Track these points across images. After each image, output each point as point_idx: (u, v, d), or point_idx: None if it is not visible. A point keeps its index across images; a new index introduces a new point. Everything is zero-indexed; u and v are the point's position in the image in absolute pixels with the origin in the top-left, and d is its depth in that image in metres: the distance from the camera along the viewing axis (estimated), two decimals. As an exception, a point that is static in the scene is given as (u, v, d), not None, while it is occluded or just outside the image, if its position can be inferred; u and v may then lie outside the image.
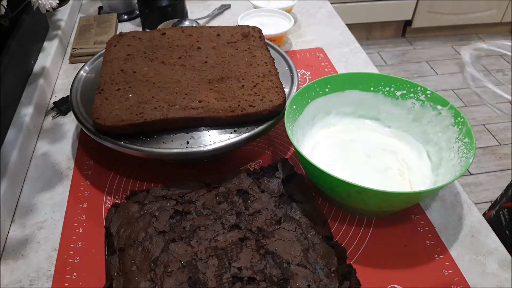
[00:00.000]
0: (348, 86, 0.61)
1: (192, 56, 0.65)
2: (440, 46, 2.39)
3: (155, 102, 0.57)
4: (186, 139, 0.54)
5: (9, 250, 0.52)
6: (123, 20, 0.97)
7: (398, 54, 2.32)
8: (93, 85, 0.62)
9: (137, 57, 0.65)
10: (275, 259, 0.45)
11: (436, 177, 0.55)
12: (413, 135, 0.61)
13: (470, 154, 0.50)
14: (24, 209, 0.56)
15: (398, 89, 0.61)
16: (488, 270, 0.49)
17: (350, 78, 0.61)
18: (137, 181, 0.60)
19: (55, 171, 0.62)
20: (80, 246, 0.52)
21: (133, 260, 0.46)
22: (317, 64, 0.83)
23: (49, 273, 0.49)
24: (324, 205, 0.56)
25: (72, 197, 0.58)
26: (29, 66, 0.73)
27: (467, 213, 0.55)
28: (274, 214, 0.50)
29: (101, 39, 0.85)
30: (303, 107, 0.59)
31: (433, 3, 2.23)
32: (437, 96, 0.58)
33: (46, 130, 0.69)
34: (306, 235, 0.49)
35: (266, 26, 0.85)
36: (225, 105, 0.56)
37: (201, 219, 0.49)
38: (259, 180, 0.54)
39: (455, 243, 0.52)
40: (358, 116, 0.64)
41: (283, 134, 0.66)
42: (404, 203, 0.52)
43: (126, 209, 0.51)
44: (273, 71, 0.62)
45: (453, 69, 2.22)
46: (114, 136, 0.54)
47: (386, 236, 0.52)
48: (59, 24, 0.87)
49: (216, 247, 0.46)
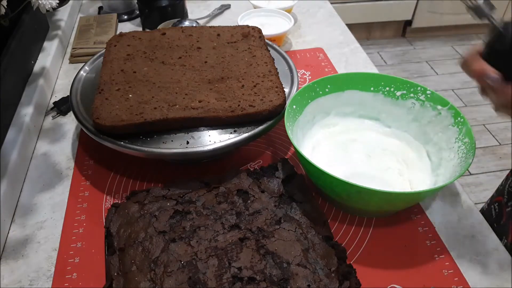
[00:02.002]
0: (348, 86, 0.61)
1: (192, 56, 0.65)
2: (440, 46, 2.39)
3: (155, 102, 0.57)
4: (186, 139, 0.54)
5: (9, 250, 0.52)
6: (123, 20, 0.97)
7: (398, 54, 2.32)
8: (93, 85, 0.62)
9: (137, 57, 0.65)
10: (275, 259, 0.45)
11: (436, 177, 0.55)
12: (413, 135, 0.61)
13: (470, 154, 0.50)
14: (24, 209, 0.56)
15: (398, 89, 0.61)
16: (488, 270, 0.49)
17: (350, 78, 0.61)
18: (137, 181, 0.60)
19: (55, 171, 0.62)
20: (80, 246, 0.52)
21: (133, 260, 0.46)
22: (317, 64, 0.83)
23: (49, 273, 0.49)
24: (324, 205, 0.56)
25: (72, 197, 0.58)
26: (29, 66, 0.73)
27: (467, 213, 0.55)
28: (274, 214, 0.50)
29: (101, 39, 0.85)
30: (303, 107, 0.59)
31: (433, 3, 2.23)
32: (437, 96, 0.58)
33: (46, 130, 0.69)
34: (306, 235, 0.49)
35: (266, 26, 0.85)
36: (225, 105, 0.56)
37: (201, 219, 0.49)
38: (259, 180, 0.54)
39: (455, 243, 0.52)
40: (358, 116, 0.64)
41: (283, 134, 0.66)
42: (404, 203, 0.52)
43: (126, 209, 0.51)
44: (273, 71, 0.62)
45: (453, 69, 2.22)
46: (114, 136, 0.54)
47: (386, 236, 0.52)
48: (59, 24, 0.87)
49: (216, 247, 0.46)
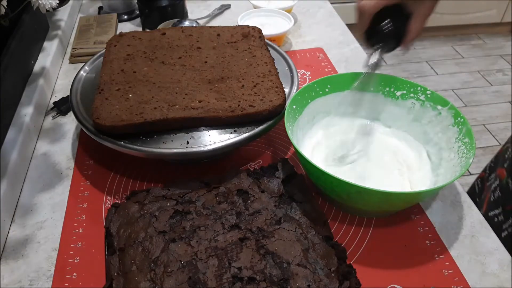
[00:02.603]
0: (348, 86, 0.61)
1: (192, 56, 0.65)
2: (440, 46, 2.39)
3: (155, 102, 0.57)
4: (186, 139, 0.54)
5: (9, 250, 0.52)
6: (123, 20, 0.97)
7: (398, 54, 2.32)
8: (93, 85, 0.62)
9: (137, 57, 0.65)
10: (275, 259, 0.45)
11: (436, 177, 0.55)
12: (413, 135, 0.61)
13: (470, 154, 0.50)
14: (24, 209, 0.56)
15: (398, 89, 0.61)
16: (488, 270, 0.49)
17: (350, 78, 0.61)
18: (137, 181, 0.60)
19: (55, 171, 0.62)
20: (80, 246, 0.52)
21: (133, 260, 0.46)
22: (317, 64, 0.83)
23: (49, 273, 0.49)
24: (324, 205, 0.56)
25: (72, 197, 0.58)
26: (29, 66, 0.73)
27: (467, 213, 0.55)
28: (274, 214, 0.50)
29: (101, 39, 0.85)
30: (303, 107, 0.59)
31: (433, 3, 2.23)
32: (437, 96, 0.58)
33: (46, 130, 0.69)
34: (306, 235, 0.49)
35: (266, 26, 0.85)
36: (225, 105, 0.56)
37: (201, 219, 0.49)
38: (259, 180, 0.54)
39: (455, 243, 0.52)
40: (358, 116, 0.64)
41: (283, 134, 0.66)
42: (404, 203, 0.52)
43: (126, 209, 0.51)
44: (273, 71, 0.62)
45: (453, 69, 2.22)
46: (114, 136, 0.54)
47: (386, 236, 0.52)
48: (59, 24, 0.87)
49: (216, 247, 0.46)
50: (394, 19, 0.54)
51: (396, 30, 0.54)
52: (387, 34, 0.54)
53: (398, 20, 0.54)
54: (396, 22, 0.54)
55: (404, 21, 0.54)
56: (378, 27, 0.54)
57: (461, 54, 2.34)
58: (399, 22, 0.54)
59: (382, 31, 0.54)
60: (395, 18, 0.54)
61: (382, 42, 0.55)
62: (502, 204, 0.66)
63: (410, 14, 0.53)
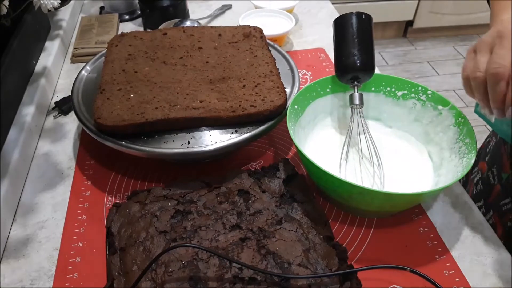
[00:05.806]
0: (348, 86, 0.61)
1: (193, 56, 0.65)
2: (441, 47, 2.39)
3: (156, 102, 0.57)
4: (187, 139, 0.54)
5: (11, 249, 0.52)
6: (125, 20, 0.97)
7: (399, 55, 2.32)
8: (95, 85, 0.62)
9: (138, 57, 0.65)
10: (276, 259, 0.45)
11: (438, 177, 0.55)
12: (414, 135, 0.61)
13: (472, 154, 0.50)
14: (25, 209, 0.56)
15: (399, 89, 0.61)
16: (489, 271, 0.49)
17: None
18: (138, 181, 0.60)
19: (56, 171, 0.62)
20: (81, 246, 0.52)
21: (134, 260, 0.46)
22: (318, 64, 0.83)
23: (50, 272, 0.49)
24: (325, 206, 0.56)
25: (73, 196, 0.58)
26: (30, 66, 0.73)
27: (468, 213, 0.55)
28: (275, 214, 0.50)
29: (103, 39, 0.85)
30: (305, 107, 0.59)
31: (435, 4, 2.23)
32: (438, 96, 0.58)
33: (47, 130, 0.69)
34: (307, 235, 0.49)
35: (268, 26, 0.85)
36: (226, 105, 0.56)
37: (202, 219, 0.49)
38: (260, 180, 0.54)
39: (456, 243, 0.52)
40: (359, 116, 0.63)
41: (284, 134, 0.66)
42: (406, 204, 0.51)
43: (127, 209, 0.51)
44: (274, 71, 0.62)
45: (454, 69, 2.22)
46: (116, 136, 0.54)
47: (387, 237, 0.52)
48: (61, 24, 0.87)
49: (217, 247, 0.46)
50: None
51: None
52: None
53: None
54: None
55: None
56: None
57: (463, 55, 2.34)
58: None
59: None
60: None
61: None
62: (484, 197, 0.68)
63: None
